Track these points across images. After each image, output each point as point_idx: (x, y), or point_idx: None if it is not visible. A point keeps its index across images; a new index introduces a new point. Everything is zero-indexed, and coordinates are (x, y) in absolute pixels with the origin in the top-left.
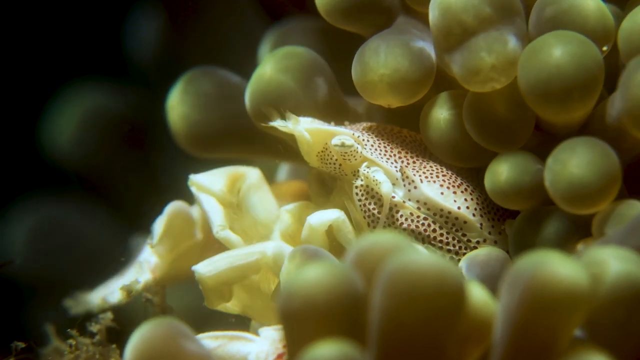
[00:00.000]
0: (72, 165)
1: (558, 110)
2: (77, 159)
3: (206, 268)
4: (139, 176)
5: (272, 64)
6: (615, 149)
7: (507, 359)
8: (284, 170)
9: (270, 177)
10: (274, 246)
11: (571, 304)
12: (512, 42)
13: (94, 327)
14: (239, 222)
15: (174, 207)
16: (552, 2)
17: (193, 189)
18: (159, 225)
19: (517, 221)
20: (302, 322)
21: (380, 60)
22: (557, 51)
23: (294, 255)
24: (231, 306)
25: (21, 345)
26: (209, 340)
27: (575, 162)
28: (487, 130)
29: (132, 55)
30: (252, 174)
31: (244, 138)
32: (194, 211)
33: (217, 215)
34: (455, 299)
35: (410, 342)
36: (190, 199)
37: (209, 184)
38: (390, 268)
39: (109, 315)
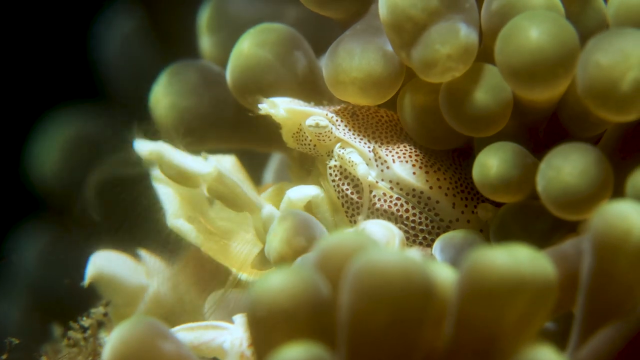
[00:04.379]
0: (55, 194)
1: (545, 89)
2: (60, 188)
3: None
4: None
5: (250, 40)
6: (583, 122)
7: (454, 349)
8: (275, 159)
9: (261, 167)
10: (268, 210)
11: (506, 292)
12: (463, 30)
13: (86, 322)
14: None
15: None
16: None
17: (153, 183)
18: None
19: (502, 213)
20: (269, 328)
21: (354, 63)
22: (534, 32)
23: (285, 218)
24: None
25: (15, 341)
26: (185, 332)
27: (568, 170)
28: (463, 116)
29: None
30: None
31: (233, 124)
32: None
33: (171, 204)
34: (422, 294)
35: (379, 340)
36: None
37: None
38: (356, 267)
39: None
